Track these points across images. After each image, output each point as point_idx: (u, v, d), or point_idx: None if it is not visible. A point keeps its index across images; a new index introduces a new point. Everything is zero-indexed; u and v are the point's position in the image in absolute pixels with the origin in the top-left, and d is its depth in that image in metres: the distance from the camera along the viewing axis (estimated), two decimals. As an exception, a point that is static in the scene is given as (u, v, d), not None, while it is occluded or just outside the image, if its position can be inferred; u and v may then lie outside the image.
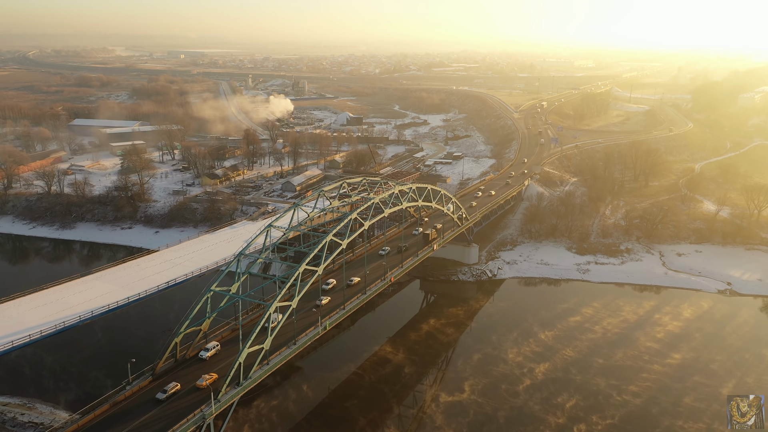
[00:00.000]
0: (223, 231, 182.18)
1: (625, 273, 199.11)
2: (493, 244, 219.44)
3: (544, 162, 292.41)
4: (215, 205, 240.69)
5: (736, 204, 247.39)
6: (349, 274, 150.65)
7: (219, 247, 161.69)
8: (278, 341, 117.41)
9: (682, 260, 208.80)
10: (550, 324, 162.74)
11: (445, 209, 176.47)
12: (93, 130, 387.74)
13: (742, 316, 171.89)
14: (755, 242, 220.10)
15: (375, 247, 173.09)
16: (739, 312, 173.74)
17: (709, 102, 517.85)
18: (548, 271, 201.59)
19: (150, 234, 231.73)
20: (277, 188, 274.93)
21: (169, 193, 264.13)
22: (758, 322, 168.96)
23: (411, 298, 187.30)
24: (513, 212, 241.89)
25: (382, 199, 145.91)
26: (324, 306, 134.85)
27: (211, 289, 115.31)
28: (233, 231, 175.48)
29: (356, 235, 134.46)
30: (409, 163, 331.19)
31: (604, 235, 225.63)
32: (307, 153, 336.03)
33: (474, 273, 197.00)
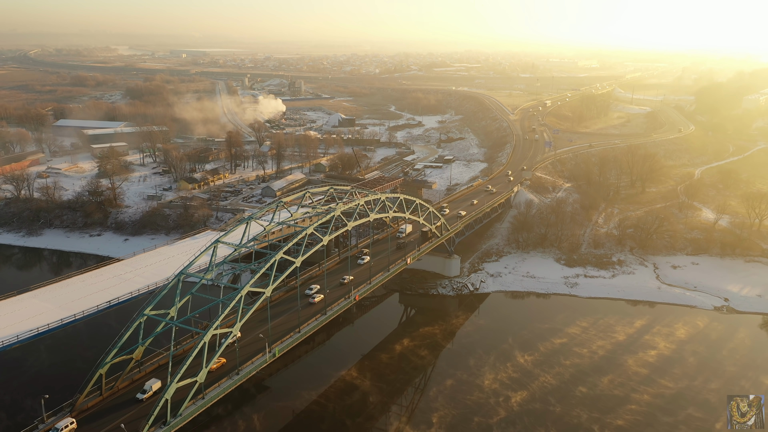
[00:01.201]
0: (184, 242, 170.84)
1: (615, 287, 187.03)
2: (478, 254, 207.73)
3: (537, 167, 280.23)
4: (188, 212, 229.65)
5: (736, 212, 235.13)
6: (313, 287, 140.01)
7: (176, 261, 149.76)
8: (221, 370, 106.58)
9: (677, 273, 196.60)
10: (532, 346, 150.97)
11: (421, 220, 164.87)
12: (76, 132, 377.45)
13: (740, 336, 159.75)
14: (755, 254, 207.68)
15: (334, 265, 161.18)
16: (736, 332, 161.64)
17: (713, 104, 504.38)
18: (534, 284, 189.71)
19: (119, 242, 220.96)
20: (257, 193, 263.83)
21: (143, 198, 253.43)
22: (756, 345, 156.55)
23: (387, 313, 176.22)
24: (501, 220, 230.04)
25: (346, 211, 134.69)
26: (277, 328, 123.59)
27: (145, 313, 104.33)
28: (195, 242, 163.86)
29: (314, 251, 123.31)
30: (398, 167, 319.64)
31: (596, 245, 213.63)
32: (293, 156, 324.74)
33: (455, 286, 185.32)
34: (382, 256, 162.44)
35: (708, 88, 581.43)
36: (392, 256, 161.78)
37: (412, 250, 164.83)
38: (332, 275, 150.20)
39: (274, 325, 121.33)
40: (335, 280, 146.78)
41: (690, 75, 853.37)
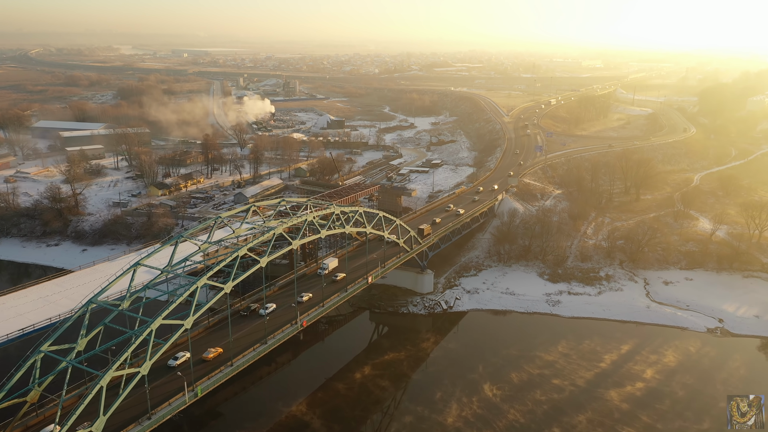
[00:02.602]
0: (128, 257, 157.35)
1: (601, 306, 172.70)
2: (455, 268, 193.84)
3: (525, 173, 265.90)
4: (153, 220, 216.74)
5: (735, 222, 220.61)
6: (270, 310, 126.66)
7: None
8: (131, 412, 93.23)
9: (669, 290, 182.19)
10: (504, 376, 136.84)
11: (386, 234, 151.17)
12: (54, 133, 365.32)
13: (734, 363, 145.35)
14: (754, 268, 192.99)
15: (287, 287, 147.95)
16: (730, 358, 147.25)
17: (716, 105, 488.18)
18: (513, 302, 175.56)
19: (76, 252, 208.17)
20: (229, 200, 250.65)
21: (109, 204, 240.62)
22: (751, 374, 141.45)
23: (352, 334, 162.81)
24: (483, 230, 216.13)
25: (291, 227, 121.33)
26: (209, 360, 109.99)
27: (41, 349, 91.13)
28: (139, 257, 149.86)
29: (248, 275, 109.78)
30: (383, 171, 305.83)
31: (583, 258, 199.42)
32: (274, 160, 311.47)
33: (427, 304, 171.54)
34: (360, 265, 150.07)
35: (712, 89, 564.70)
36: (360, 271, 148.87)
37: (375, 268, 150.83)
38: (291, 292, 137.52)
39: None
40: (295, 296, 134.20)
41: (695, 75, 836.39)
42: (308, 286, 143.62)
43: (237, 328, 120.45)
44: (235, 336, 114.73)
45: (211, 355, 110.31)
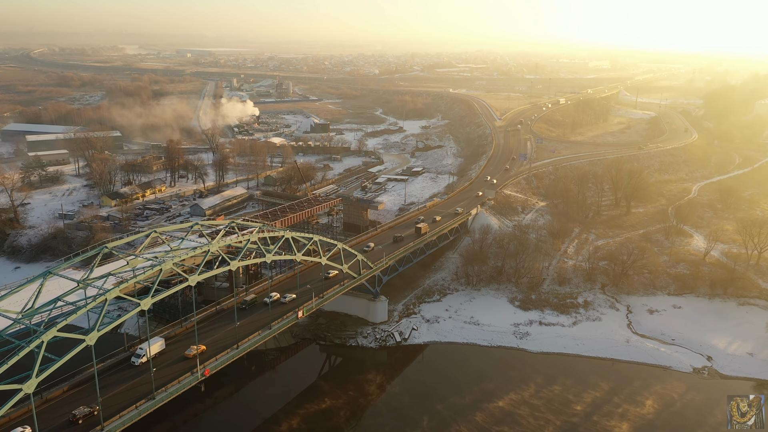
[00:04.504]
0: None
1: (574, 339, 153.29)
2: (417, 292, 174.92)
3: (507, 183, 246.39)
4: (95, 235, 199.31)
5: (733, 239, 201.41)
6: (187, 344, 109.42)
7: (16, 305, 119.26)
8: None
9: (653, 320, 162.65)
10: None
11: (322, 260, 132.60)
12: (21, 137, 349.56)
13: (721, 414, 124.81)
14: (751, 295, 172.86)
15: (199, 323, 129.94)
16: (716, 408, 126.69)
17: (723, 109, 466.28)
18: (477, 333, 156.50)
19: (8, 270, 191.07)
20: (186, 211, 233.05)
21: (55, 216, 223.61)
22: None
23: (288, 374, 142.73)
24: (454, 248, 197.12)
25: (184, 262, 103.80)
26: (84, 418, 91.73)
27: None
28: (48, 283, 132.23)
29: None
30: (360, 179, 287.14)
31: (561, 281, 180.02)
32: (246, 166, 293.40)
33: (378, 336, 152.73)
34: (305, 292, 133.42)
35: (718, 92, 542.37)
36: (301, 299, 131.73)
37: (307, 301, 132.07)
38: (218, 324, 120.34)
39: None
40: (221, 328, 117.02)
41: (703, 77, 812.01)
42: (244, 314, 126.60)
43: (120, 377, 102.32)
44: (110, 394, 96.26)
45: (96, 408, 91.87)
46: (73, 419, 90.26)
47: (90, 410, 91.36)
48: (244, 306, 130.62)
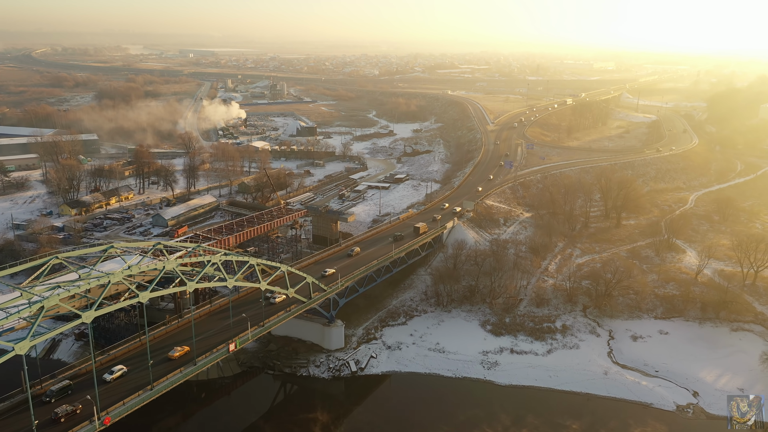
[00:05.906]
0: None
1: (547, 370, 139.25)
2: (381, 314, 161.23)
3: (490, 193, 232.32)
4: (42, 248, 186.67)
5: (728, 256, 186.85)
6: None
7: None
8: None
9: (636, 348, 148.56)
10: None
11: (261, 286, 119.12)
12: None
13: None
14: (746, 319, 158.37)
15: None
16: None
17: (727, 112, 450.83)
18: (441, 362, 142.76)
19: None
20: (148, 222, 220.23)
21: (8, 226, 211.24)
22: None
23: (225, 412, 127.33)
24: (426, 264, 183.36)
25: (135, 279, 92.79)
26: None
27: None
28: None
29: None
30: (339, 187, 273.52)
31: (539, 302, 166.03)
32: (222, 172, 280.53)
33: (332, 365, 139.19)
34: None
35: (723, 94, 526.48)
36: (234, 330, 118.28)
37: (244, 331, 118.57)
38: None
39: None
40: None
41: (708, 79, 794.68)
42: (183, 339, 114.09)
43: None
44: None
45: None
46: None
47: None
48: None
